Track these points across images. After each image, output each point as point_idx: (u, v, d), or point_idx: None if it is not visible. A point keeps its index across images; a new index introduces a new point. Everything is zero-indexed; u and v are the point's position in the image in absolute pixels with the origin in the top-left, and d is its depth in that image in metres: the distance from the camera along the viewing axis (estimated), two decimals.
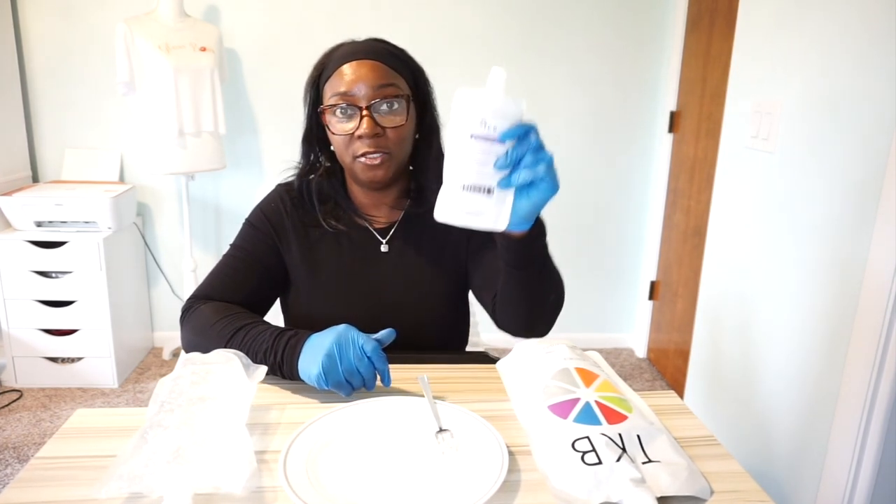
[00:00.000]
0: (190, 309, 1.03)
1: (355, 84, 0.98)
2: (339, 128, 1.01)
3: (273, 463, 0.72)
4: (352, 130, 0.99)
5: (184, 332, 1.02)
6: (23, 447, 2.13)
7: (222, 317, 0.98)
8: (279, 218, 1.11)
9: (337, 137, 1.02)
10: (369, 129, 0.98)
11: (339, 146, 1.03)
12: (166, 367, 2.76)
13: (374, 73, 0.99)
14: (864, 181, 1.43)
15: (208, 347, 0.93)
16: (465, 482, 0.69)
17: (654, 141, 2.88)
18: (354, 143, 1.00)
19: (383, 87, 0.99)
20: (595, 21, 2.74)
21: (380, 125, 0.99)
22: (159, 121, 2.34)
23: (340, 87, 0.99)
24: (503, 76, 0.72)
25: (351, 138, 1.00)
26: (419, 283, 1.11)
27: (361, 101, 0.98)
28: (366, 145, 0.99)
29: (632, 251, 3.03)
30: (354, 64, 0.99)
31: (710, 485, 0.71)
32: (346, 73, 0.99)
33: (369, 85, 0.98)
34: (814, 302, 1.58)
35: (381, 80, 0.99)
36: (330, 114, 1.01)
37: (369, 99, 0.98)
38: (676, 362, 2.67)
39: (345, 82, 0.99)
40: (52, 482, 0.69)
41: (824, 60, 1.56)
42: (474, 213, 0.74)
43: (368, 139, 0.99)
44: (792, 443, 1.65)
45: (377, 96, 0.98)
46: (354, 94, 0.98)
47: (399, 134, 1.01)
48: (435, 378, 0.94)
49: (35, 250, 2.38)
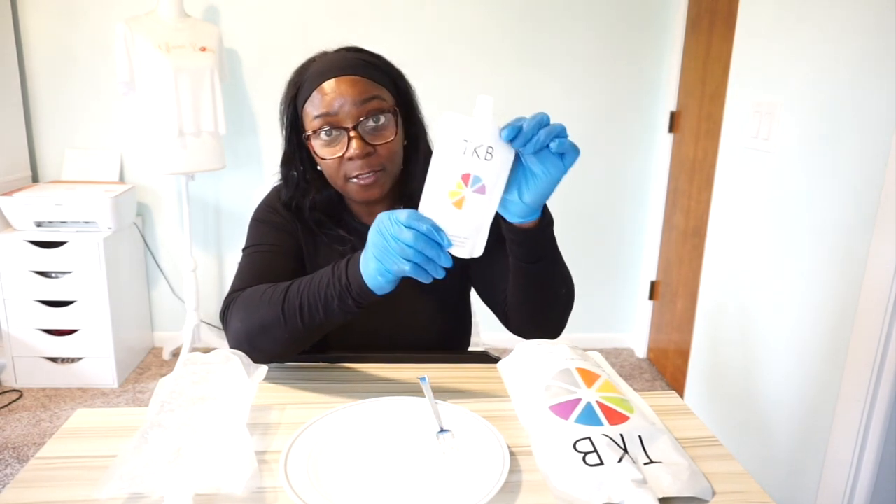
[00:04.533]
0: (231, 302, 0.97)
1: (336, 103, 0.93)
2: (326, 151, 0.96)
3: (274, 463, 0.72)
4: (341, 153, 0.95)
5: (232, 323, 0.93)
6: (23, 447, 2.13)
7: (269, 287, 0.92)
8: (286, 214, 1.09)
9: (326, 162, 0.97)
10: (359, 150, 0.94)
11: (329, 170, 0.98)
12: (166, 367, 2.76)
13: (356, 89, 0.94)
14: (864, 181, 1.43)
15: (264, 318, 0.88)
16: (466, 483, 0.69)
17: (654, 141, 2.88)
18: (345, 166, 0.96)
19: (366, 101, 0.94)
20: (595, 21, 2.74)
21: (369, 144, 0.95)
22: (159, 121, 2.34)
23: (322, 108, 0.94)
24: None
25: (341, 161, 0.96)
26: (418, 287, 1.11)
27: (346, 122, 0.94)
28: (357, 167, 0.95)
29: (632, 251, 3.03)
30: (333, 82, 0.94)
31: (712, 486, 0.71)
32: (327, 91, 0.94)
33: (352, 102, 0.93)
34: (814, 302, 1.58)
35: (363, 95, 0.94)
36: (315, 139, 0.97)
37: (354, 118, 0.94)
38: (676, 362, 2.67)
39: (326, 102, 0.94)
40: (52, 482, 0.69)
41: (824, 61, 1.56)
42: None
43: (360, 160, 0.95)
44: (792, 443, 1.65)
45: (362, 113, 0.94)
46: (338, 114, 0.94)
47: (390, 149, 0.97)
48: (435, 378, 0.94)
49: (35, 250, 2.38)
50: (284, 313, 0.87)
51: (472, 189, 0.73)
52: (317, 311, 0.86)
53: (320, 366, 1.01)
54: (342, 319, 0.87)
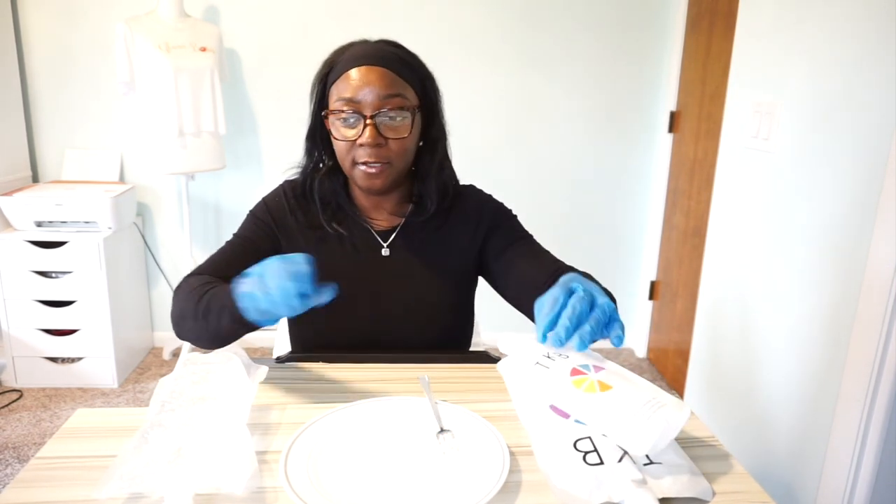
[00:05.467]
0: (180, 284, 1.01)
1: (362, 91, 0.97)
2: (341, 133, 1.00)
3: (274, 463, 0.72)
4: (354, 137, 0.99)
5: (172, 304, 0.99)
6: (23, 447, 2.13)
7: (205, 281, 0.97)
8: (282, 213, 1.12)
9: (339, 142, 1.01)
10: (371, 138, 0.97)
11: (341, 151, 1.02)
12: (166, 367, 2.76)
13: (382, 82, 0.98)
14: (864, 181, 1.43)
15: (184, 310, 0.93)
16: (466, 483, 0.69)
17: (654, 141, 2.88)
18: (356, 150, 1.00)
19: (390, 97, 0.98)
20: (595, 22, 2.74)
21: (382, 135, 0.98)
22: (159, 121, 2.34)
23: (346, 93, 0.98)
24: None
25: (352, 145, 0.99)
26: (421, 287, 1.11)
27: (366, 110, 0.97)
28: (366, 154, 0.99)
29: (632, 251, 3.03)
30: (363, 69, 0.98)
31: (712, 486, 0.71)
32: (354, 78, 0.98)
33: (376, 94, 0.97)
34: (814, 302, 1.58)
35: (388, 90, 0.98)
36: (334, 118, 1.00)
37: (374, 108, 0.97)
38: (676, 362, 2.67)
39: (351, 88, 0.97)
40: (52, 482, 0.69)
41: (824, 61, 1.56)
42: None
43: (370, 148, 0.98)
44: (792, 443, 1.65)
45: (383, 106, 0.97)
46: (360, 102, 0.97)
47: (401, 145, 1.01)
48: (436, 378, 0.94)
49: (35, 250, 2.38)
50: (197, 312, 0.91)
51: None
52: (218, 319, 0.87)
53: (320, 366, 1.01)
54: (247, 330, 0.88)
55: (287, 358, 1.06)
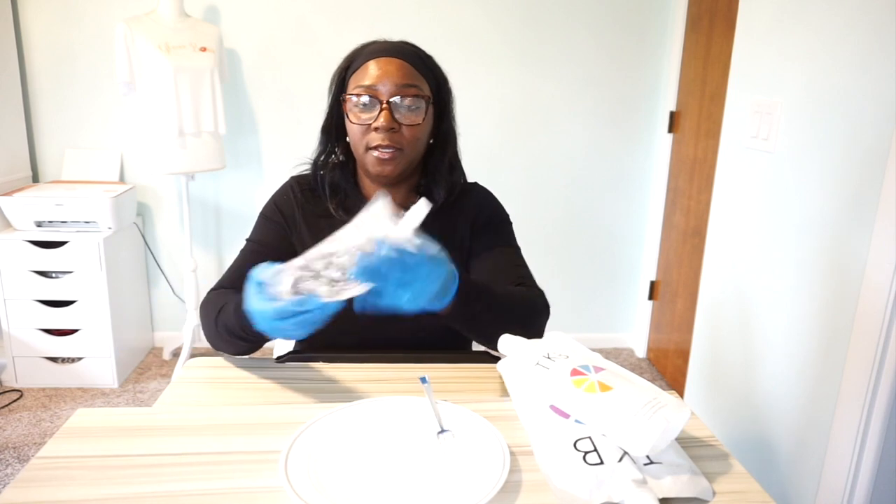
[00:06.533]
0: (205, 300, 1.08)
1: (380, 79, 1.02)
2: (357, 117, 1.04)
3: (274, 463, 0.72)
4: (369, 121, 1.02)
5: (200, 319, 1.06)
6: (23, 447, 2.13)
7: (224, 296, 1.02)
8: (290, 209, 1.14)
9: (354, 126, 1.04)
10: (386, 122, 1.01)
11: (355, 135, 1.05)
12: (166, 367, 2.76)
13: (400, 72, 1.03)
14: (863, 181, 1.43)
15: (209, 326, 1.01)
16: (466, 483, 0.69)
17: (654, 141, 2.88)
18: (370, 134, 1.03)
19: (407, 86, 1.02)
20: (595, 21, 2.74)
21: (397, 121, 1.02)
22: (159, 121, 2.34)
23: (365, 80, 1.02)
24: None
25: (367, 129, 1.03)
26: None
27: (383, 95, 1.02)
28: (380, 138, 1.02)
29: (632, 251, 3.03)
30: (382, 60, 1.03)
31: (712, 486, 0.71)
32: (373, 67, 1.03)
33: (393, 82, 1.02)
34: (814, 302, 1.58)
35: (405, 80, 1.02)
36: (351, 103, 1.04)
37: (391, 94, 1.02)
38: (676, 362, 2.67)
39: (370, 76, 1.02)
40: (52, 482, 0.69)
41: (824, 60, 1.56)
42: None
43: (384, 132, 1.02)
44: (792, 442, 1.65)
45: (399, 93, 1.02)
46: (378, 88, 1.02)
47: (414, 133, 1.04)
48: (436, 378, 0.94)
49: (35, 250, 2.38)
50: (218, 327, 0.99)
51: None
52: (233, 333, 0.95)
53: (320, 366, 1.01)
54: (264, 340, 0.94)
55: (287, 358, 1.06)
